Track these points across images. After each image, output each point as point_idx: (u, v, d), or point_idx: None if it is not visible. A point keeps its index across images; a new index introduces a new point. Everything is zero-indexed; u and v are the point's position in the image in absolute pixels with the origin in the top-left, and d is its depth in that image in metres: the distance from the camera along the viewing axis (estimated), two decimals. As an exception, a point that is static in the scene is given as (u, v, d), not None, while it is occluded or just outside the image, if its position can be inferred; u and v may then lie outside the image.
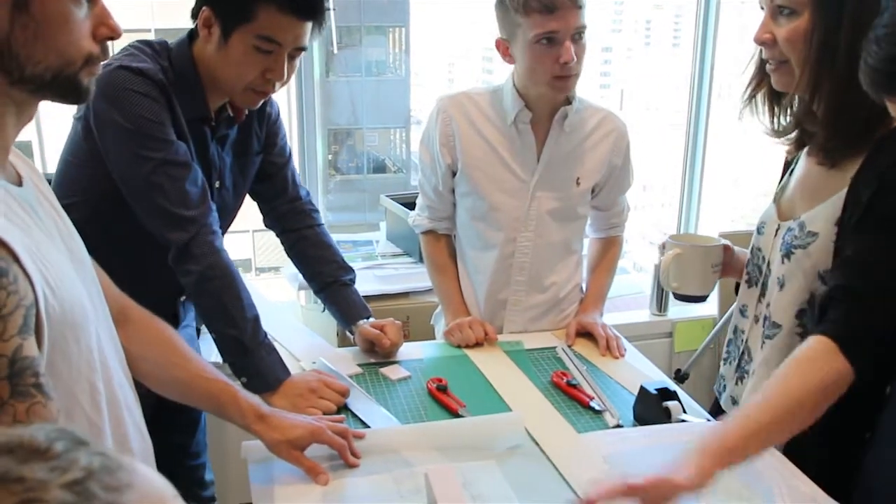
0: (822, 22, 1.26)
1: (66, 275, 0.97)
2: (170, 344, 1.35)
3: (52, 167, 1.72)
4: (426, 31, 3.54)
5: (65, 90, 0.98)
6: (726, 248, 1.68)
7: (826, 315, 1.29)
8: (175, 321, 1.78)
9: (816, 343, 1.24)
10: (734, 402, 1.64)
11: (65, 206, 1.65)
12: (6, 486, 0.49)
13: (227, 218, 1.77)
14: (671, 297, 2.87)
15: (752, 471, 1.37)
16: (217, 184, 1.73)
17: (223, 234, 1.69)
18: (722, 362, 1.72)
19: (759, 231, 1.57)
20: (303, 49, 1.59)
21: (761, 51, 1.43)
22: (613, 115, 1.97)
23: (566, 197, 1.94)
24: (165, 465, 1.40)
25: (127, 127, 1.53)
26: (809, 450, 1.40)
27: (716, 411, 1.71)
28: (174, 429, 1.89)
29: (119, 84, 1.52)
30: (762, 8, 1.35)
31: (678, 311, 2.90)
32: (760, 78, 1.46)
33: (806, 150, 1.48)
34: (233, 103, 1.70)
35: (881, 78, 1.11)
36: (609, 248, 2.10)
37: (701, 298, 1.73)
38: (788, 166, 1.56)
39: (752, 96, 1.48)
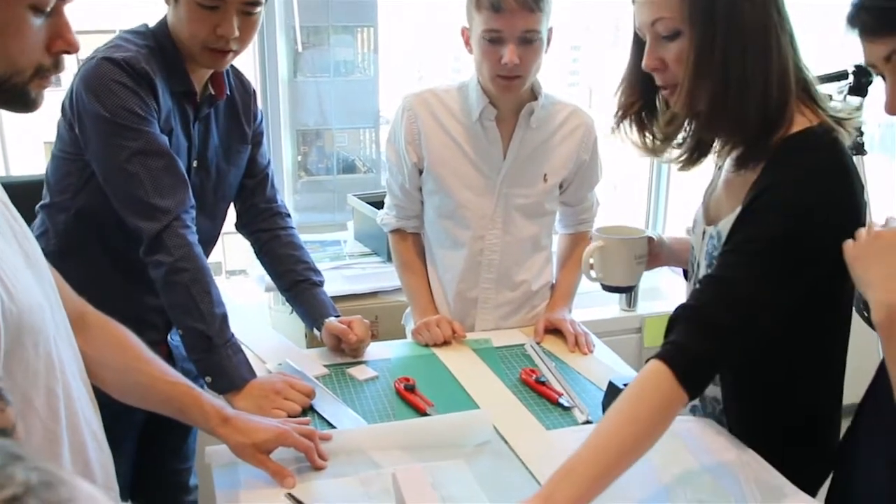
0: (697, 37, 1.27)
1: (22, 278, 0.94)
2: (129, 348, 1.32)
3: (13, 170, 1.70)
4: (394, 31, 3.52)
5: (12, 99, 0.95)
6: (650, 240, 1.69)
7: (667, 335, 1.29)
8: (170, 323, 1.76)
9: (651, 371, 1.24)
10: None
11: (55, 206, 1.66)
12: None
13: (206, 200, 1.75)
14: (639, 293, 2.88)
15: (722, 466, 1.37)
16: (195, 163, 1.72)
17: (204, 218, 1.68)
18: None
19: (693, 229, 1.56)
20: (255, 3, 1.57)
21: (632, 74, 1.43)
22: (581, 111, 1.97)
23: (534, 193, 1.93)
24: (153, 468, 1.39)
25: (105, 116, 1.53)
26: (781, 446, 1.41)
27: None
28: (168, 433, 1.87)
29: (102, 76, 1.53)
30: (642, 38, 1.36)
31: (647, 306, 2.91)
32: (633, 100, 1.46)
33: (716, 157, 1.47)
34: (214, 81, 1.71)
35: (867, 17, 1.14)
36: (578, 244, 2.09)
37: (627, 289, 1.76)
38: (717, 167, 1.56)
39: (623, 119, 1.47)
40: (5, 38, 0.91)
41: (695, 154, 1.41)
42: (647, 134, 1.47)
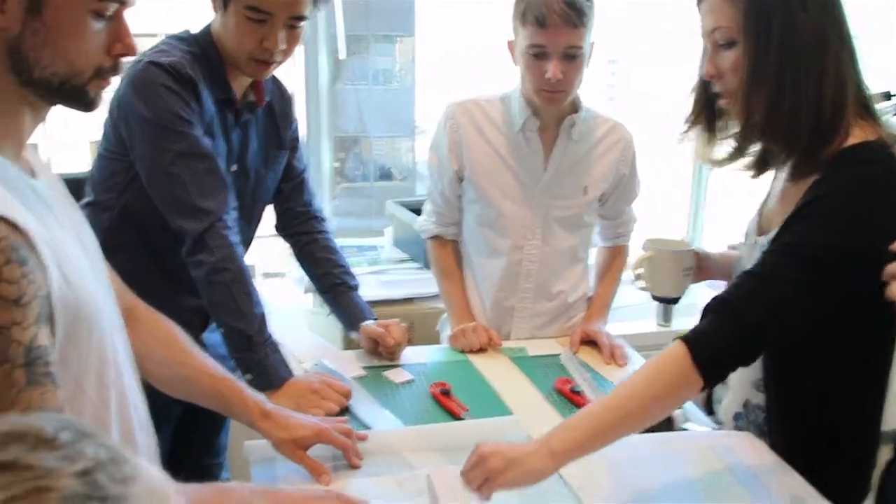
0: (751, 47, 1.30)
1: (79, 268, 0.97)
2: (176, 342, 1.35)
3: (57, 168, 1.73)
4: (433, 41, 3.55)
5: (72, 98, 0.99)
6: (697, 254, 1.73)
7: (699, 322, 1.32)
8: (205, 323, 1.79)
9: (671, 350, 1.28)
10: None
11: (99, 204, 1.70)
12: (16, 472, 0.49)
13: (244, 203, 1.78)
14: (675, 308, 2.87)
15: (759, 482, 1.36)
16: (234, 167, 1.75)
17: (241, 220, 1.71)
18: None
19: (745, 241, 1.58)
20: (300, 18, 1.60)
21: (699, 85, 1.46)
22: (621, 126, 1.98)
23: (573, 205, 1.94)
24: (186, 462, 1.43)
25: (150, 119, 1.57)
26: (820, 461, 1.41)
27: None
28: (202, 427, 1.92)
29: (148, 79, 1.57)
30: (705, 46, 1.39)
31: (683, 322, 2.88)
32: (699, 112, 1.48)
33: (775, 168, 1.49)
34: (254, 88, 1.74)
35: None
36: (616, 257, 2.10)
37: (674, 300, 1.81)
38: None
39: (691, 128, 1.50)
40: (67, 42, 0.94)
41: (760, 163, 1.44)
42: (712, 144, 1.49)
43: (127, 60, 1.05)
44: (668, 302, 1.82)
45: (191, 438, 1.90)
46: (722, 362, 1.28)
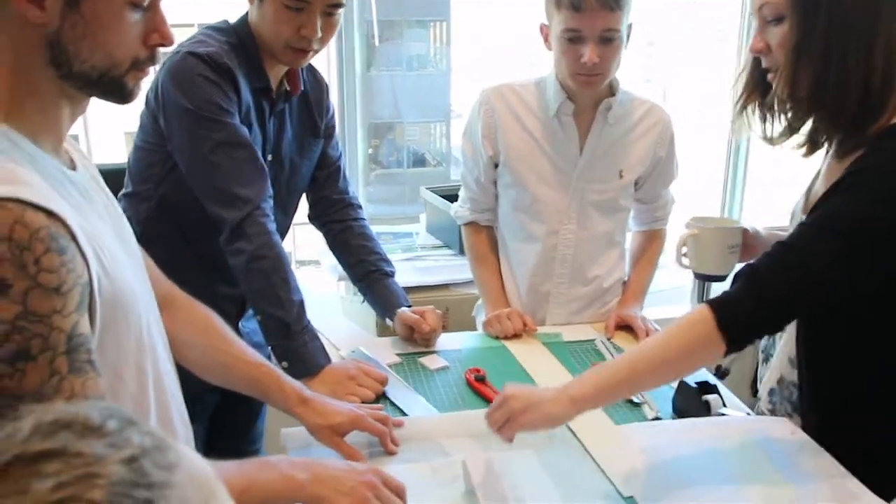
0: (797, 22, 1.30)
1: (117, 257, 0.99)
2: (213, 329, 1.37)
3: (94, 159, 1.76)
4: (467, 25, 3.53)
5: (110, 90, 1.00)
6: (745, 231, 1.70)
7: (729, 288, 1.33)
8: (241, 311, 1.80)
9: (697, 311, 1.30)
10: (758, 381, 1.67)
11: (137, 195, 1.72)
12: (66, 459, 0.50)
13: (280, 193, 1.79)
14: (715, 289, 2.84)
15: (794, 467, 1.35)
16: (270, 157, 1.76)
17: (276, 210, 1.72)
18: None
19: (791, 220, 1.57)
20: (337, 5, 1.61)
21: (752, 62, 1.45)
22: (658, 107, 1.96)
23: (609, 189, 1.93)
24: (222, 450, 1.45)
25: (189, 109, 1.58)
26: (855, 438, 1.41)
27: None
28: (238, 414, 1.94)
29: (187, 70, 1.58)
30: (757, 20, 1.39)
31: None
32: (752, 89, 1.48)
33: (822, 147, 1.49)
34: (289, 77, 1.75)
35: None
36: (652, 242, 2.08)
37: (720, 278, 1.78)
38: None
39: (744, 107, 1.49)
40: (105, 33, 0.95)
41: (811, 141, 1.43)
42: (767, 122, 1.48)
43: (164, 51, 1.06)
44: (712, 280, 1.81)
45: (227, 426, 1.92)
46: (746, 329, 1.29)
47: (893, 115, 1.30)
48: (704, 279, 1.81)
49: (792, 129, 1.45)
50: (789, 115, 1.44)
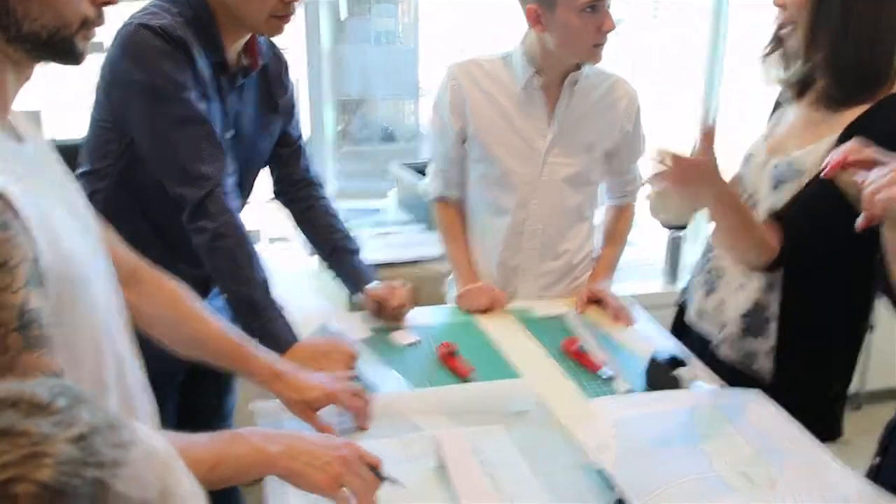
0: None
1: (70, 233, 0.96)
2: (183, 303, 1.35)
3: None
4: (435, 2, 3.51)
5: (60, 51, 0.97)
6: None
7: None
8: (206, 288, 1.78)
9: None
10: (700, 316, 1.75)
11: (95, 173, 1.67)
12: (11, 439, 0.49)
13: (241, 169, 1.76)
14: (680, 267, 2.87)
15: (764, 438, 1.36)
16: (230, 133, 1.72)
17: (237, 187, 1.69)
18: (691, 276, 1.85)
19: (746, 162, 1.66)
20: None
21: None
22: (624, 81, 1.96)
23: (578, 162, 1.93)
24: (193, 424, 1.44)
25: (146, 84, 1.53)
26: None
27: (678, 326, 1.85)
28: (207, 390, 1.92)
29: (139, 42, 1.52)
30: None
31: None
32: (777, 42, 1.56)
33: (804, 97, 1.57)
34: (249, 52, 1.70)
35: None
36: (622, 216, 2.09)
37: (679, 227, 2.01)
38: (778, 107, 1.67)
39: (768, 55, 1.58)
40: None
41: (801, 87, 1.55)
42: (787, 70, 1.57)
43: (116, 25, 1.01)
44: (675, 229, 2.00)
45: (196, 403, 1.90)
46: (800, 248, 1.47)
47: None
48: (668, 227, 2.07)
49: (804, 83, 1.53)
50: (800, 67, 1.51)
